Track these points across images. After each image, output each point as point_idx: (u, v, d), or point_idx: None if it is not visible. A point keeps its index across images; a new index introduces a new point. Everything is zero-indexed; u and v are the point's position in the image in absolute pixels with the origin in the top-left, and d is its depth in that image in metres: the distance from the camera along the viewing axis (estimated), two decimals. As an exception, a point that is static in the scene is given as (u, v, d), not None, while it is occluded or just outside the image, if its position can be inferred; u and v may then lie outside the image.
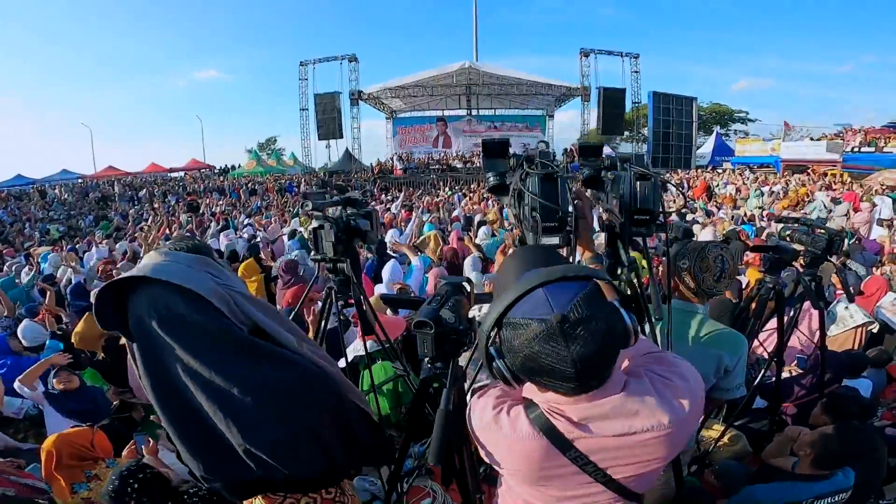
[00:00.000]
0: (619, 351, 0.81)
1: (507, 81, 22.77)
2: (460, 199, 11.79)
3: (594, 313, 0.74)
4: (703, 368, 1.83)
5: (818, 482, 1.92)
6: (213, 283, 1.07)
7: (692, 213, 9.04)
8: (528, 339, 0.74)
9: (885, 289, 4.37)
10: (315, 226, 1.82)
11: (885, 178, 12.69)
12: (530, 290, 0.75)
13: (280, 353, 1.12)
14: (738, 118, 37.56)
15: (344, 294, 1.96)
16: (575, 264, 0.86)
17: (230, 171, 26.87)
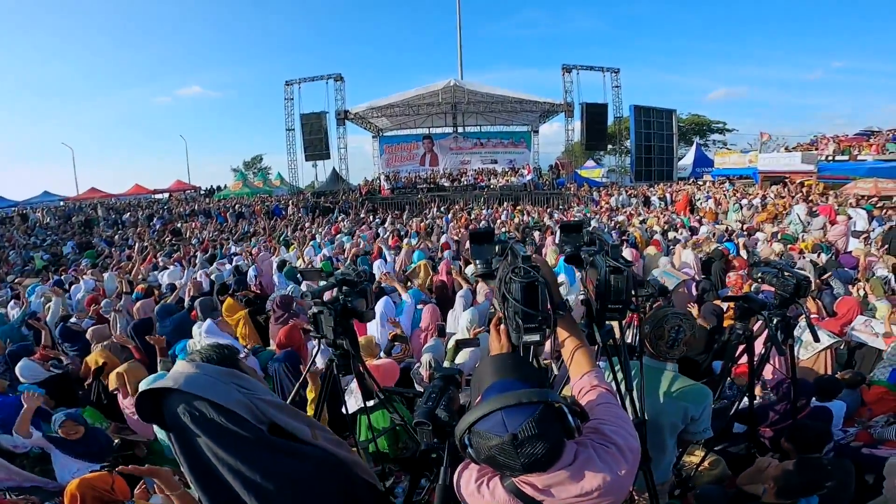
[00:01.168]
0: (563, 449, 1.02)
1: (492, 99, 23.11)
2: (448, 222, 11.92)
3: (542, 432, 0.94)
4: (672, 418, 2.02)
5: None
6: (238, 394, 1.22)
7: (674, 232, 9.28)
8: (488, 447, 0.96)
9: (857, 310, 4.53)
10: (315, 311, 1.93)
11: (860, 189, 13.11)
12: (491, 413, 0.96)
13: (295, 447, 1.28)
14: (716, 128, 38.49)
15: (345, 367, 2.07)
16: (533, 390, 0.99)
17: (216, 193, 26.77)
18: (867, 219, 9.02)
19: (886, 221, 8.91)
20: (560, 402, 1.00)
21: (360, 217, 15.44)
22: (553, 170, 24.31)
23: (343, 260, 7.96)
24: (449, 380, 1.45)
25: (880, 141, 18.51)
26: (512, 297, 1.31)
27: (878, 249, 7.69)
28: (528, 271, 1.31)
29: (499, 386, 1.04)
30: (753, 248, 7.65)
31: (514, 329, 1.34)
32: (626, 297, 1.43)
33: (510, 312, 1.35)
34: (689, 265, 6.39)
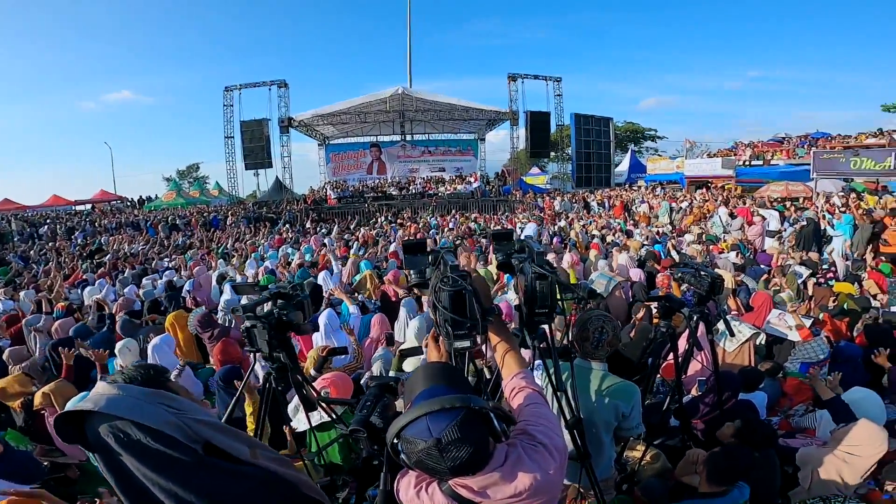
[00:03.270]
0: (489, 452, 1.07)
1: (440, 107, 23.33)
2: (396, 231, 11.87)
3: (465, 436, 0.98)
4: (605, 416, 2.11)
5: (716, 498, 2.17)
6: (167, 414, 1.17)
7: (612, 235, 9.78)
8: (415, 452, 1.00)
9: (769, 303, 4.96)
10: (248, 325, 1.87)
11: (772, 191, 14.42)
12: (417, 418, 1.00)
13: (234, 467, 1.24)
14: (648, 136, 40.96)
15: (283, 380, 2.01)
16: (456, 396, 1.03)
17: (146, 204, 25.13)
18: (779, 219, 9.91)
19: (797, 221, 9.83)
20: (484, 407, 1.04)
21: (305, 227, 15.01)
22: (499, 177, 24.87)
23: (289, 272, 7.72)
24: (384, 388, 1.48)
25: (790, 146, 20.53)
26: (441, 306, 1.36)
27: (790, 247, 8.51)
28: (455, 280, 1.36)
29: (427, 392, 1.08)
30: (681, 249, 8.20)
31: (446, 336, 1.39)
32: (551, 302, 1.50)
33: (440, 320, 1.40)
34: (625, 267, 6.74)
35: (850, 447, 2.60)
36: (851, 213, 8.70)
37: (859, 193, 12.30)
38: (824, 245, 8.43)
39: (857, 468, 2.54)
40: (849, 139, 18.93)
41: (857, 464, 2.54)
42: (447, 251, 1.55)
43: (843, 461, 2.58)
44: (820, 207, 10.55)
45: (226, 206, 22.01)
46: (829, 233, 8.64)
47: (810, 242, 8.28)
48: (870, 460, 2.54)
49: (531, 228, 10.12)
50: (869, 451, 2.54)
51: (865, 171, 13.66)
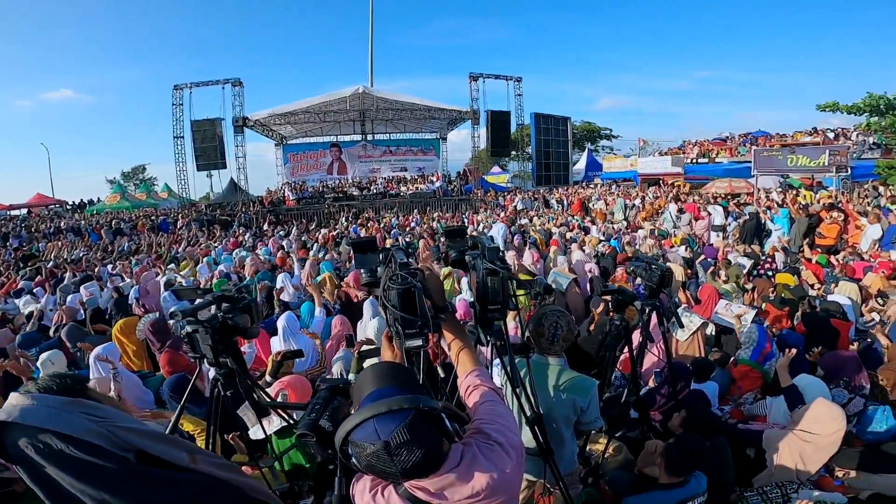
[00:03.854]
0: (443, 452, 1.05)
1: (402, 106, 23.14)
2: (357, 232, 11.69)
3: (414, 437, 0.96)
4: (564, 410, 2.13)
5: (676, 489, 2.22)
6: (88, 423, 1.12)
7: (570, 232, 10.02)
8: (364, 455, 0.97)
9: (716, 295, 5.22)
10: (189, 331, 1.76)
11: (717, 187, 15.21)
12: (364, 421, 0.98)
13: (171, 475, 1.20)
14: (604, 135, 42.30)
15: (231, 386, 1.92)
16: (404, 397, 1.01)
17: (88, 207, 23.62)
18: (724, 214, 10.45)
19: (740, 216, 10.40)
20: (434, 407, 1.02)
21: (262, 230, 14.54)
22: (461, 176, 25.00)
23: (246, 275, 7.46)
24: (335, 390, 1.43)
25: (734, 145, 21.77)
26: (390, 305, 1.33)
27: (734, 241, 8.98)
28: (404, 278, 1.33)
29: (375, 394, 1.06)
30: (635, 245, 8.51)
31: (396, 335, 1.36)
32: (503, 298, 1.50)
33: (391, 319, 1.39)
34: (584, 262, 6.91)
35: (810, 425, 2.71)
36: (788, 208, 9.29)
37: (796, 189, 13.18)
38: (765, 238, 8.96)
39: (820, 449, 2.65)
40: (786, 137, 20.29)
41: (820, 443, 2.65)
42: (398, 249, 1.51)
43: (806, 441, 2.69)
44: (761, 203, 11.23)
45: (176, 209, 21.01)
46: (768, 226, 9.18)
47: (752, 236, 8.78)
48: (830, 439, 2.64)
49: (499, 228, 10.23)
50: (829, 428, 2.65)
51: (801, 168, 14.63)
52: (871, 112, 14.71)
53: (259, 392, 2.11)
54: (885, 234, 7.76)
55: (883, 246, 7.60)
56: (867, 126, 15.77)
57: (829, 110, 15.32)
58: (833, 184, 13.68)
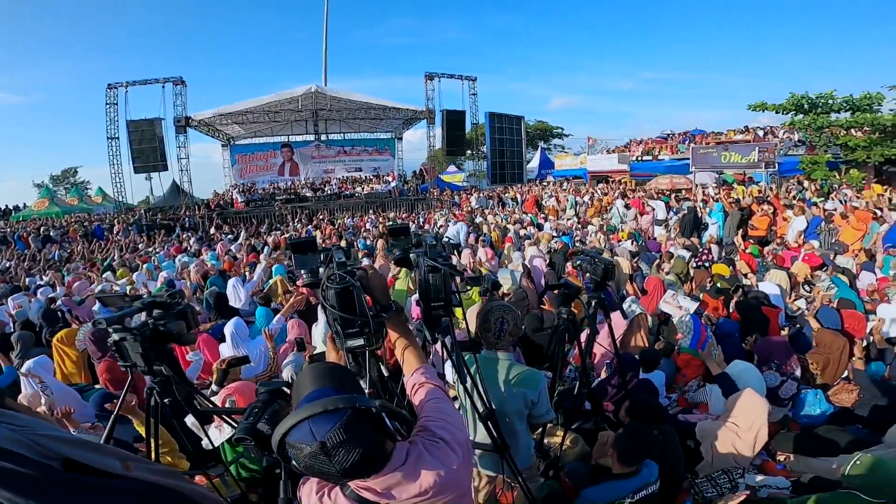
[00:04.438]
0: (386, 451, 1.05)
1: (356, 105, 22.78)
2: (310, 234, 11.40)
3: (351, 437, 0.95)
4: (515, 405, 2.16)
5: (630, 479, 2.27)
6: (4, 430, 1.05)
7: (524, 229, 10.23)
8: (302, 456, 0.96)
9: (661, 286, 5.48)
10: (116, 339, 1.66)
11: (659, 183, 16.02)
12: (299, 422, 0.96)
13: (101, 482, 1.13)
14: (556, 133, 43.46)
15: (168, 394, 1.83)
16: (340, 397, 0.99)
17: (13, 214, 21.72)
18: (665, 209, 11.01)
19: (679, 210, 10.98)
20: (372, 406, 1.01)
21: (209, 234, 13.88)
22: (417, 176, 24.95)
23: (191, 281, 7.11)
24: (275, 393, 1.41)
25: (674, 143, 22.92)
26: (328, 304, 1.31)
27: (675, 234, 9.47)
28: (342, 277, 1.31)
29: (311, 395, 1.04)
30: (586, 240, 8.81)
31: (336, 335, 1.35)
32: (445, 295, 1.50)
33: (330, 319, 1.38)
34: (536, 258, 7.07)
35: (738, 417, 2.84)
36: (722, 202, 9.91)
37: (730, 184, 14.08)
38: (703, 231, 9.51)
39: (747, 438, 2.76)
40: (721, 136, 21.57)
41: (746, 434, 2.77)
42: (337, 248, 1.48)
43: (735, 433, 2.80)
44: (698, 197, 11.91)
45: (112, 214, 19.70)
46: (705, 220, 9.76)
47: (690, 229, 9.30)
48: (755, 427, 2.77)
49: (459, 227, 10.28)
50: (751, 418, 2.79)
51: (734, 164, 15.67)
52: (795, 111, 15.94)
53: (200, 399, 2.03)
54: (809, 225, 8.44)
55: (807, 236, 8.26)
56: (792, 124, 17.08)
57: (758, 110, 16.46)
58: (762, 179, 14.73)
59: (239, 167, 23.78)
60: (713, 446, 2.86)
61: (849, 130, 15.62)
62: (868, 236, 7.56)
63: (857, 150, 14.52)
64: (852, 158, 14.63)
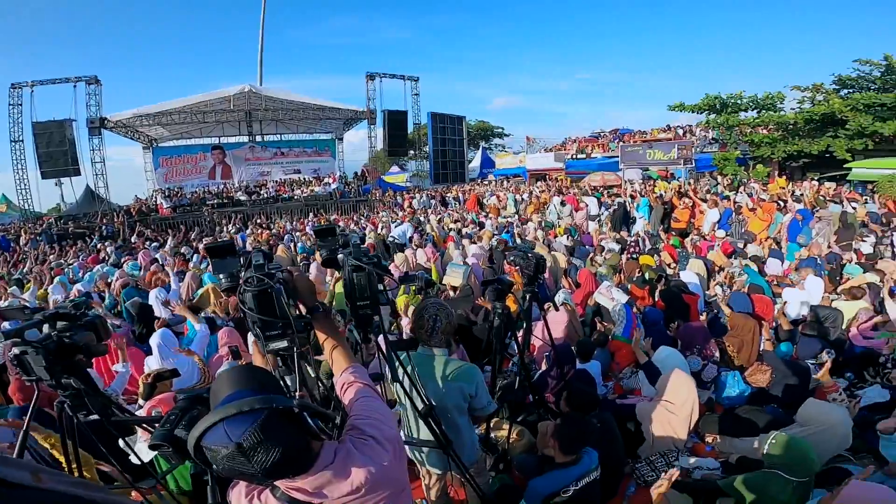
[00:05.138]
0: (311, 451, 1.05)
1: (293, 106, 22.02)
2: (244, 239, 10.89)
3: (269, 437, 0.95)
4: (454, 399, 2.18)
5: (572, 467, 2.35)
6: None
7: (466, 227, 10.37)
8: (220, 459, 0.95)
9: (592, 278, 5.76)
10: (16, 353, 1.56)
11: (592, 180, 16.84)
12: (213, 425, 0.95)
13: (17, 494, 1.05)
14: (497, 133, 44.39)
15: (81, 407, 1.70)
16: (256, 398, 0.98)
17: None
18: (597, 204, 11.60)
19: (611, 206, 11.60)
20: (290, 406, 1.00)
21: (130, 242, 12.87)
22: (359, 177, 24.55)
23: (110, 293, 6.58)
24: (195, 400, 1.38)
25: (605, 141, 24.18)
26: (247, 308, 1.29)
27: (607, 228, 10.00)
28: (260, 280, 1.29)
29: (228, 398, 1.03)
30: (526, 236, 9.08)
31: (257, 338, 1.33)
32: (370, 294, 1.50)
33: (250, 322, 1.36)
34: (476, 256, 7.20)
35: (670, 396, 2.99)
36: (647, 197, 10.60)
37: (654, 180, 15.07)
38: (631, 225, 10.12)
39: (680, 417, 2.93)
40: (646, 134, 23.06)
41: (679, 413, 2.93)
42: (257, 251, 1.44)
43: (670, 411, 2.96)
44: (626, 193, 12.67)
45: (17, 223, 17.75)
46: (633, 214, 10.39)
47: (620, 223, 9.87)
48: (689, 404, 2.94)
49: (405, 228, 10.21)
50: (683, 396, 2.96)
51: (658, 161, 16.80)
52: (709, 111, 17.38)
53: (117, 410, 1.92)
54: (721, 217, 9.22)
55: (720, 227, 9.03)
56: (707, 123, 18.60)
57: (677, 110, 17.80)
58: (682, 174, 15.91)
59: (163, 171, 22.20)
60: (652, 426, 3.00)
61: (755, 128, 17.27)
62: (773, 226, 8.38)
63: (762, 146, 16.07)
64: (758, 154, 16.18)
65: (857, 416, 3.06)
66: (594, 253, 7.38)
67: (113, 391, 3.25)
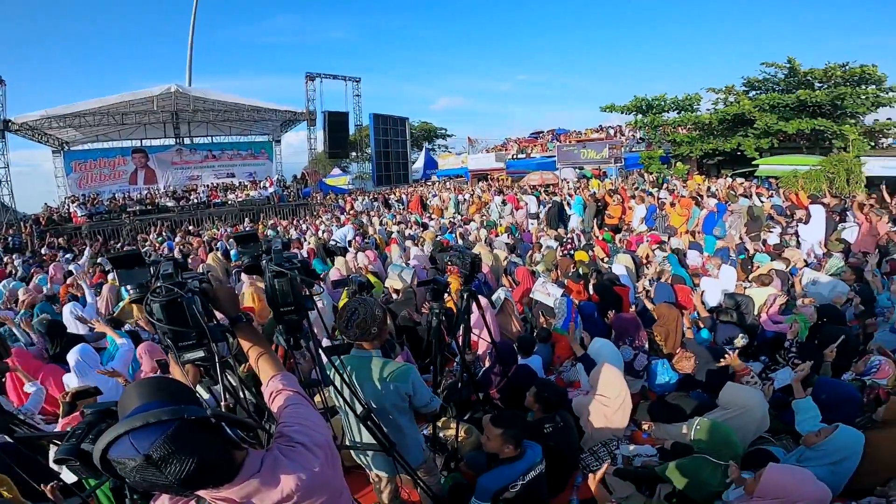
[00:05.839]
0: (231, 460, 1.03)
1: (226, 107, 20.99)
2: (172, 248, 10.21)
3: (181, 448, 0.92)
4: (392, 399, 2.17)
5: (517, 462, 2.38)
6: None
7: (409, 229, 10.36)
8: (129, 471, 0.91)
9: (529, 275, 5.95)
10: None
11: (531, 180, 17.40)
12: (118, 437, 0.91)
13: None
14: (440, 134, 44.63)
15: None
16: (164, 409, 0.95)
17: None
18: (536, 203, 11.98)
19: (548, 204, 12.03)
20: (203, 416, 0.98)
21: (39, 254, 11.68)
22: (299, 180, 23.79)
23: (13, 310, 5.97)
24: (104, 414, 1.34)
25: (543, 141, 25.04)
26: (155, 319, 1.25)
27: (545, 226, 10.36)
28: (168, 290, 1.23)
29: (136, 410, 0.99)
30: (468, 236, 9.21)
31: (169, 349, 1.30)
32: (294, 299, 1.47)
33: (160, 334, 1.31)
34: (418, 258, 7.21)
35: (602, 388, 3.09)
36: (581, 195, 11.10)
37: (588, 179, 15.81)
38: (567, 223, 10.55)
39: (614, 408, 3.02)
40: (580, 134, 24.13)
41: (614, 402, 3.02)
42: (166, 261, 1.37)
43: (604, 404, 3.05)
44: (563, 192, 13.20)
45: None
46: (568, 212, 10.83)
47: (556, 221, 10.26)
48: (621, 395, 3.04)
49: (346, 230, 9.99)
50: (615, 388, 3.06)
51: (591, 160, 17.66)
52: (636, 111, 18.49)
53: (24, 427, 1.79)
54: (647, 213, 9.84)
55: (646, 222, 9.64)
56: (635, 124, 19.77)
57: (609, 110, 18.80)
58: (613, 173, 16.82)
59: (77, 176, 20.35)
60: (590, 419, 3.10)
61: (676, 128, 18.59)
62: (691, 220, 9.05)
63: (682, 145, 17.31)
64: (679, 153, 17.41)
65: (772, 399, 3.27)
66: (533, 250, 7.62)
67: (27, 410, 3.12)
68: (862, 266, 5.45)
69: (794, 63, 15.71)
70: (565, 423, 2.88)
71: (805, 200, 8.78)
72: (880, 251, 6.11)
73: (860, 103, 14.15)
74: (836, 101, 14.22)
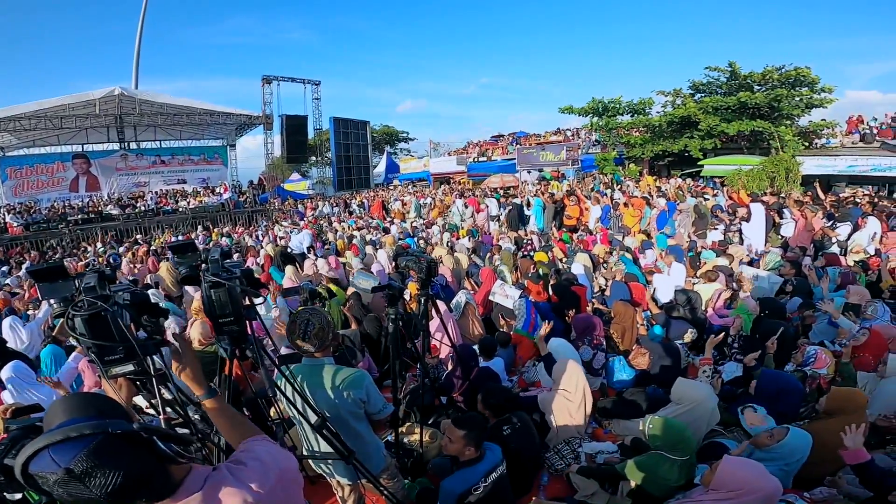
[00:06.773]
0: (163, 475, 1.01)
1: (175, 110, 20.10)
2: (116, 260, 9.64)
3: (104, 462, 0.90)
4: (347, 407, 2.13)
5: (478, 464, 2.37)
6: None
7: (370, 234, 10.24)
8: (51, 485, 0.89)
9: (493, 276, 5.99)
10: None
11: (492, 182, 17.61)
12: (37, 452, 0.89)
13: None
14: (402, 138, 44.45)
15: None
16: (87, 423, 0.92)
17: None
18: (497, 205, 12.12)
19: (508, 206, 12.18)
20: (130, 431, 0.96)
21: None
22: (256, 186, 23.07)
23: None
24: (29, 429, 1.24)
25: (504, 144, 25.38)
26: (77, 334, 1.18)
27: (505, 228, 10.49)
28: (91, 303, 1.16)
29: (58, 426, 0.96)
30: (430, 240, 9.20)
31: (93, 363, 1.25)
32: (232, 309, 1.42)
33: (84, 348, 1.25)
34: (381, 263, 7.14)
35: (563, 383, 3.13)
36: (540, 197, 11.32)
37: (547, 180, 16.17)
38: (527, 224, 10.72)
39: (577, 399, 3.07)
40: (540, 137, 24.61)
41: (574, 396, 3.07)
42: (91, 273, 1.29)
43: (566, 398, 3.10)
44: (523, 194, 13.42)
45: None
46: (527, 213, 11.01)
47: (516, 223, 10.42)
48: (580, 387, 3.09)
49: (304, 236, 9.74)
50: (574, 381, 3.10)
51: (550, 162, 18.06)
52: (593, 114, 19.03)
53: None
54: (602, 213, 10.15)
55: (602, 222, 9.93)
56: (591, 126, 20.36)
57: (566, 113, 19.27)
58: (571, 174, 17.28)
59: (12, 183, 18.98)
60: (553, 416, 3.14)
61: (630, 130, 19.29)
62: (644, 219, 9.41)
63: (635, 147, 17.99)
64: (632, 154, 18.09)
65: (721, 391, 3.40)
66: (492, 252, 7.68)
67: None
68: (799, 260, 5.79)
69: (735, 66, 16.53)
70: (523, 424, 2.90)
71: (746, 199, 9.28)
72: (815, 246, 6.52)
73: (795, 105, 15.04)
74: (774, 102, 15.05)
